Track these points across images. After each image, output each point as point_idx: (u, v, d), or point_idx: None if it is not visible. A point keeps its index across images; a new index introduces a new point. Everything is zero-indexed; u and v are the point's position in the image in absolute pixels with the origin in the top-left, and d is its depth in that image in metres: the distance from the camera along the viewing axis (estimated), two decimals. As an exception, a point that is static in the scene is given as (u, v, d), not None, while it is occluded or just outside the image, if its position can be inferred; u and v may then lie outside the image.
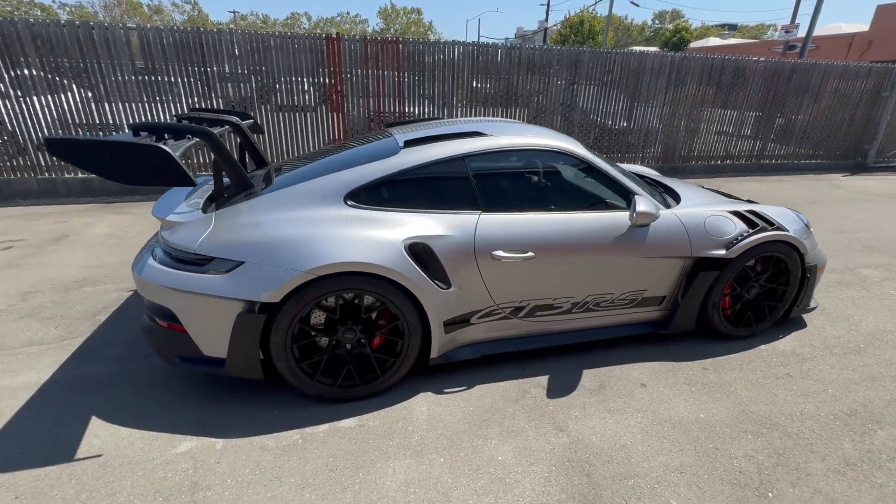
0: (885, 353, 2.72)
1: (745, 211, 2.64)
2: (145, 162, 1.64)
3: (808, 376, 2.49)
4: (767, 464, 1.90)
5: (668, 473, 1.84)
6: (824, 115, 8.40)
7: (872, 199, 6.70)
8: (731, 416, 2.17)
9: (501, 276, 2.25)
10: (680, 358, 2.62)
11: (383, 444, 1.96)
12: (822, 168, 8.85)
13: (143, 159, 1.64)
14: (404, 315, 2.10)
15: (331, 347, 2.14)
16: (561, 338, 2.52)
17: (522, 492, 1.74)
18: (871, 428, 2.12)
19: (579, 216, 2.36)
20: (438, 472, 1.82)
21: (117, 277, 3.49)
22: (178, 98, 5.65)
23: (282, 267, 1.91)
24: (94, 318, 2.91)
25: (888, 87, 8.40)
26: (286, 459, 1.86)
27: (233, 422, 2.06)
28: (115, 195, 5.78)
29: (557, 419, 2.13)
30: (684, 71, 7.37)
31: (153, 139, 1.97)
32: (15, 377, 2.33)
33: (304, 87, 6.00)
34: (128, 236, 4.39)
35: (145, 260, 2.06)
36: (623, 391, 2.33)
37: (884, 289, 3.61)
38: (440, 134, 2.39)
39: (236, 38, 5.57)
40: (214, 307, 1.94)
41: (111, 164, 1.64)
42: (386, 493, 1.72)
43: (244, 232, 2.00)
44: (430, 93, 6.43)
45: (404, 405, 2.20)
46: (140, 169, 1.66)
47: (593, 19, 30.13)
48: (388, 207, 2.17)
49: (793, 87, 8.01)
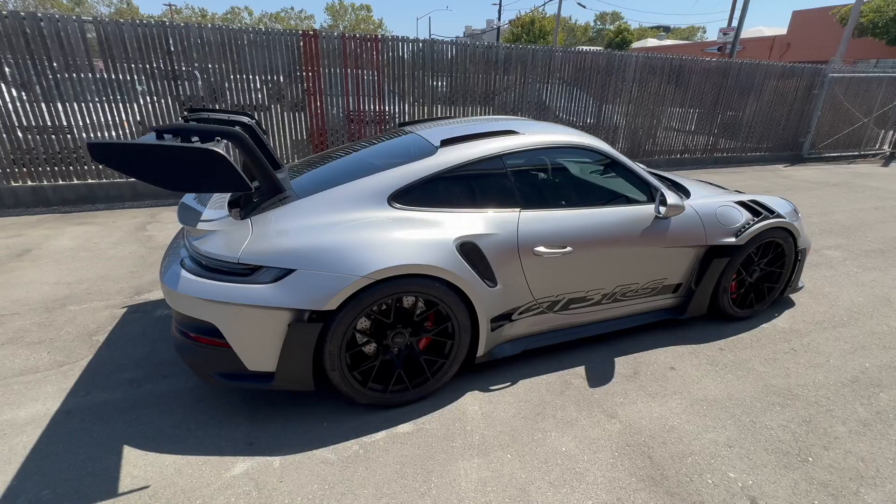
0: (866, 324, 3.04)
1: (748, 201, 2.85)
2: (199, 167, 1.52)
3: (810, 349, 2.73)
4: (800, 431, 2.08)
5: (719, 449, 1.97)
6: (766, 111, 9.18)
7: (814, 187, 7.42)
8: (757, 391, 2.35)
9: (541, 271, 2.30)
10: (697, 341, 2.79)
11: (447, 445, 1.95)
12: (766, 160, 9.66)
13: (196, 164, 1.52)
14: (456, 315, 2.09)
15: (381, 353, 2.09)
16: (592, 329, 2.61)
17: (594, 479, 1.80)
18: (874, 392, 2.37)
19: (610, 210, 2.45)
20: (510, 469, 1.84)
21: (103, 294, 3.20)
22: (142, 97, 5.23)
23: (338, 273, 1.84)
24: (91, 340, 2.65)
25: (818, 86, 9.30)
26: (352, 471, 1.81)
27: (283, 438, 1.96)
28: (71, 204, 5.27)
29: (605, 407, 2.20)
30: (646, 70, 7.78)
31: (178, 140, 1.84)
32: (16, 410, 2.08)
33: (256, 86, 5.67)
34: (100, 248, 4.03)
35: (176, 272, 1.91)
36: (656, 375, 2.45)
37: (847, 267, 4.01)
38: (475, 133, 2.39)
39: (205, 34, 5.24)
40: (262, 319, 1.84)
41: (161, 170, 1.51)
42: (465, 495, 1.71)
43: (291, 238, 1.90)
44: (409, 91, 6.37)
45: (455, 405, 2.19)
46: (193, 174, 1.54)
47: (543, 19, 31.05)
48: (433, 208, 2.15)
49: (740, 86, 8.68)
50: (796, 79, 9.13)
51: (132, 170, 1.48)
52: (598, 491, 1.75)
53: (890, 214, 5.79)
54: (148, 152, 1.47)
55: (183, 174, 1.54)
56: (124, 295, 3.20)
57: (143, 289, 3.30)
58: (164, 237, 4.33)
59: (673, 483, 1.79)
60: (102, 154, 1.44)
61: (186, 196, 2.41)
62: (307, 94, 5.85)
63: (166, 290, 1.90)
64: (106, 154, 1.45)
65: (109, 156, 1.45)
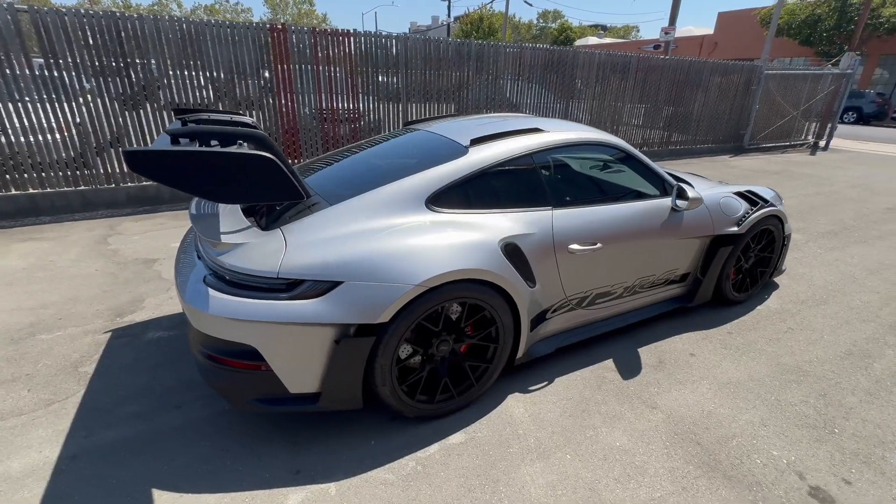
0: (843, 300, 3.33)
1: (744, 191, 3.02)
2: (249, 174, 1.36)
3: (804, 327, 2.95)
4: (819, 405, 2.23)
5: (757, 429, 2.07)
6: (712, 106, 9.84)
7: (760, 176, 8.05)
8: (772, 370, 2.49)
9: (573, 268, 2.30)
10: (705, 326, 2.93)
11: (504, 452, 1.90)
12: (713, 151, 10.37)
13: (246, 171, 1.36)
14: (501, 318, 2.04)
15: (426, 363, 2.00)
16: (614, 322, 2.65)
17: (656, 471, 1.83)
18: (868, 362, 2.59)
19: (632, 205, 2.50)
20: (573, 469, 1.82)
21: (78, 318, 2.85)
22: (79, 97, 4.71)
23: (390, 283, 1.73)
24: (77, 372, 2.35)
25: (755, 82, 10.10)
26: (416, 490, 1.72)
27: (331, 461, 1.83)
28: (10, 217, 4.66)
29: (644, 398, 2.25)
30: (608, 67, 8.08)
31: (197, 145, 1.65)
32: (7, 462, 1.80)
33: (200, 83, 5.21)
34: (59, 267, 3.59)
35: (202, 291, 1.72)
36: (680, 363, 2.54)
37: (811, 249, 4.38)
38: (503, 131, 2.35)
39: (163, 26, 4.80)
40: (307, 337, 1.70)
41: (206, 179, 1.33)
42: (536, 499, 1.68)
43: (333, 248, 1.77)
44: (384, 89, 6.20)
45: (500, 410, 2.15)
46: (242, 183, 1.37)
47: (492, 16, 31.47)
48: (471, 209, 2.08)
49: (690, 83, 9.23)
50: (737, 75, 9.86)
51: (174, 180, 1.30)
52: (662, 482, 1.78)
53: (830, 199, 6.40)
54: (192, 159, 1.30)
55: (231, 183, 1.37)
56: (104, 318, 2.86)
57: (123, 310, 2.97)
58: (131, 251, 3.93)
59: (727, 467, 1.85)
60: (140, 163, 1.25)
61: (193, 204, 2.18)
62: (276, 92, 5.53)
63: (193, 312, 1.70)
64: (144, 163, 1.26)
65: (148, 165, 1.27)
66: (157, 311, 2.96)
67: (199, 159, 1.31)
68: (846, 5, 20.46)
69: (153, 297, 3.15)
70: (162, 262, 3.73)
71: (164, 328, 2.76)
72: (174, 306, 3.02)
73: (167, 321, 2.85)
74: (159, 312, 2.95)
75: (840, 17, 20.67)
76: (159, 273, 3.52)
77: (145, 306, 3.02)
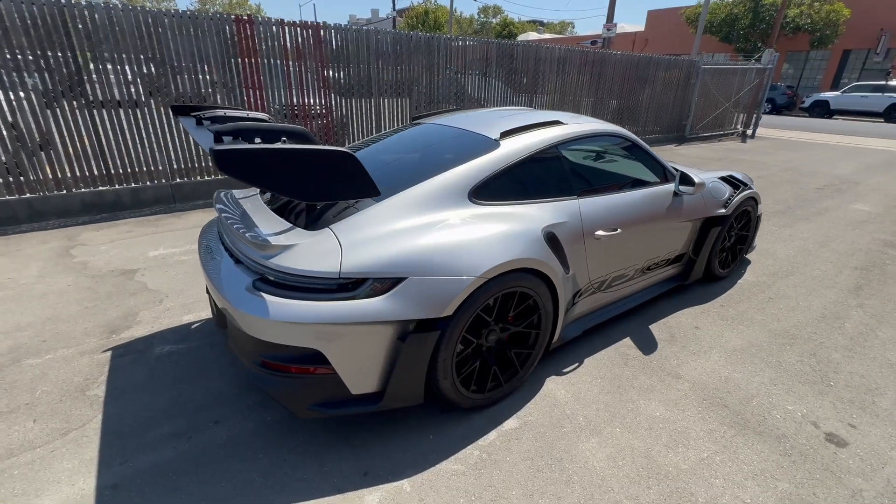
0: (806, 271, 3.75)
1: (727, 176, 3.31)
2: (331, 171, 1.32)
3: (781, 296, 3.29)
4: (813, 362, 2.52)
5: (770, 388, 2.30)
6: (658, 98, 10.52)
7: (705, 162, 8.74)
8: (766, 337, 2.77)
9: (598, 254, 2.43)
10: (700, 301, 3.18)
11: (559, 432, 1.99)
12: (660, 140, 11.10)
13: (328, 168, 1.31)
14: (544, 305, 2.12)
15: (478, 353, 2.03)
16: (628, 302, 2.82)
17: (697, 434, 1.99)
18: (840, 324, 2.95)
19: (643, 192, 2.66)
20: (626, 441, 1.94)
21: (66, 339, 2.58)
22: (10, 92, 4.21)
23: (452, 276, 1.74)
24: (86, 396, 2.14)
25: (694, 76, 10.91)
26: (489, 476, 1.76)
27: (396, 459, 1.83)
28: (-60, 233, 4.08)
29: (668, 369, 2.43)
30: (567, 62, 8.40)
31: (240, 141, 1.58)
32: (38, 500, 1.62)
33: (129, 78, 4.71)
34: (22, 285, 3.21)
35: (256, 297, 1.64)
36: (689, 336, 2.76)
37: (767, 227, 4.86)
38: (529, 123, 2.41)
39: (115, 16, 4.38)
40: (370, 336, 1.68)
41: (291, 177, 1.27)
42: (602, 472, 1.78)
43: (391, 245, 1.75)
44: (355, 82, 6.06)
45: (542, 393, 2.23)
46: (325, 179, 1.32)
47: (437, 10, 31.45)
48: (509, 200, 2.13)
49: (639, 77, 9.81)
50: (678, 70, 10.60)
51: (261, 179, 1.24)
52: (705, 443, 1.94)
53: (770, 181, 7.10)
54: (278, 157, 1.23)
55: (314, 180, 1.32)
56: (97, 337, 2.62)
57: (116, 326, 2.73)
58: (103, 263, 3.60)
59: (755, 423, 2.06)
60: (230, 162, 1.17)
61: (219, 203, 2.05)
62: (244, 89, 5.24)
63: (251, 320, 1.62)
64: (234, 162, 1.18)
65: (237, 164, 1.19)
66: (156, 325, 2.75)
67: (285, 156, 1.25)
68: (759, 6, 22.55)
69: (147, 310, 2.91)
70: (143, 272, 3.45)
71: (172, 342, 2.58)
72: (175, 318, 2.82)
73: (172, 334, 2.65)
74: (159, 326, 2.74)
75: (754, 16, 22.76)
76: (145, 284, 3.26)
77: (140, 321, 2.79)
